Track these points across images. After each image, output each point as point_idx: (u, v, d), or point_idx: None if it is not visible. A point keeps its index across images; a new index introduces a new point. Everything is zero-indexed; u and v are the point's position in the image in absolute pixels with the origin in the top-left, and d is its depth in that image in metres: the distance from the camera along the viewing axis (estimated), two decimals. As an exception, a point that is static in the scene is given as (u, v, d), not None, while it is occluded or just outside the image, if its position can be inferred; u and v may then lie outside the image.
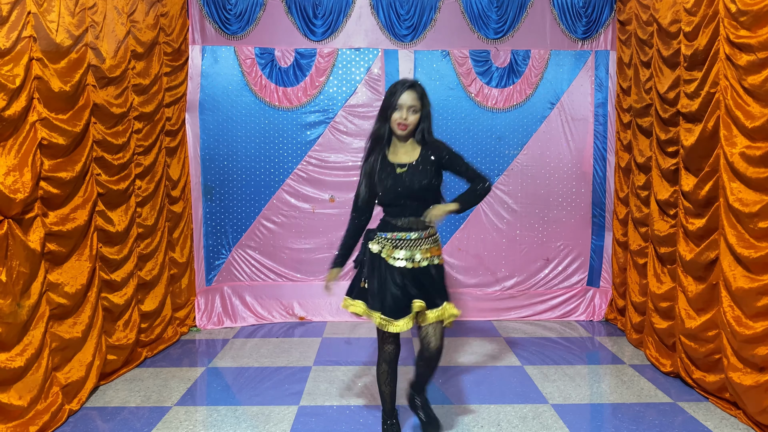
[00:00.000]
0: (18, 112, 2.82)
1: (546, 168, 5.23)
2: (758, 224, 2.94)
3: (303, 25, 5.08)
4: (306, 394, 3.57)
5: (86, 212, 3.41)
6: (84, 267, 3.41)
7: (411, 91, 2.68)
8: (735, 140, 3.10)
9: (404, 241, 2.72)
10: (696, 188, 3.51)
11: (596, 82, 5.19)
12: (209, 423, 3.19)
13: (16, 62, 2.83)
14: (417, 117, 2.69)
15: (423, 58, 5.16)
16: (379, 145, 2.77)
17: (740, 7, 3.00)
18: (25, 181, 2.86)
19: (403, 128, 2.69)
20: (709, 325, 3.38)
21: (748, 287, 2.99)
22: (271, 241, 5.22)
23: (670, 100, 3.88)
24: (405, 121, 2.67)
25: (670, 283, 3.90)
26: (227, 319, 5.10)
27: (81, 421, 3.19)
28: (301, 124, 5.15)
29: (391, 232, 2.75)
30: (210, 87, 5.07)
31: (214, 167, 5.13)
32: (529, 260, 5.29)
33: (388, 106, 2.70)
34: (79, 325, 3.35)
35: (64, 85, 3.19)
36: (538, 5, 5.12)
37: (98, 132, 3.58)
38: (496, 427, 3.11)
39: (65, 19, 3.24)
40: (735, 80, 3.10)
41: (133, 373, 3.93)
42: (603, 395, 3.60)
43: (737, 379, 3.08)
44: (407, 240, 2.72)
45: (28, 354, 2.89)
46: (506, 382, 3.78)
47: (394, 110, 2.68)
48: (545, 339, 4.69)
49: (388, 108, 2.69)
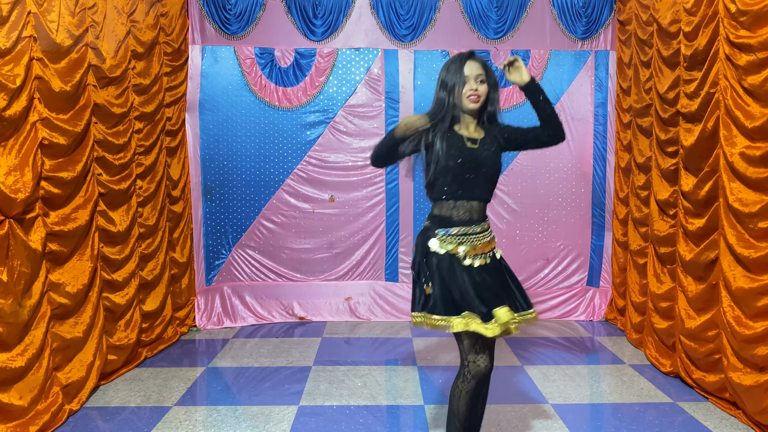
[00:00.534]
0: (18, 112, 2.82)
1: (546, 168, 5.24)
2: (758, 224, 2.94)
3: (303, 25, 5.08)
4: (306, 394, 3.57)
5: (87, 212, 3.41)
6: (85, 267, 3.41)
7: (473, 62, 2.41)
8: (735, 140, 3.10)
9: (469, 237, 2.39)
10: (696, 188, 3.51)
11: (596, 82, 5.19)
12: (209, 423, 3.19)
13: (16, 62, 2.83)
14: (486, 87, 2.42)
15: (423, 58, 5.16)
16: (441, 123, 2.39)
17: (740, 7, 3.00)
18: (26, 181, 2.86)
19: (475, 100, 2.39)
20: (709, 325, 3.38)
21: (747, 287, 2.99)
22: (271, 241, 5.22)
23: (669, 100, 3.88)
24: (476, 92, 2.39)
25: (670, 283, 3.91)
26: (227, 319, 5.10)
27: (81, 421, 3.19)
28: (300, 124, 5.16)
29: (456, 226, 2.39)
30: (210, 87, 5.07)
31: (214, 167, 5.13)
32: (529, 260, 5.29)
33: (451, 82, 2.39)
34: (80, 325, 3.35)
35: (65, 85, 3.19)
36: (538, 5, 5.12)
37: (99, 132, 3.59)
38: (496, 427, 3.11)
39: (65, 18, 3.24)
40: (735, 80, 3.10)
41: (133, 373, 3.93)
42: (603, 395, 3.60)
43: (737, 379, 3.08)
44: (473, 235, 2.40)
45: (29, 354, 2.89)
46: (506, 382, 3.78)
47: (462, 84, 2.38)
48: (545, 339, 4.70)
49: (454, 84, 2.38)
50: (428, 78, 5.16)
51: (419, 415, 3.28)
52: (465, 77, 2.39)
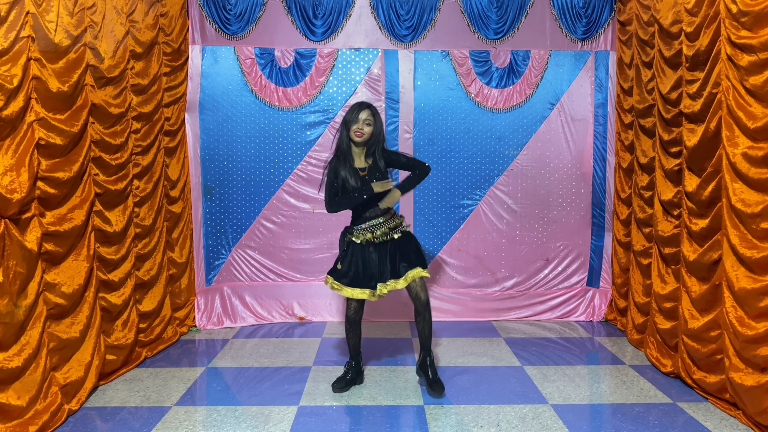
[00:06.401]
0: (15, 112, 2.81)
1: (546, 168, 5.23)
2: (760, 225, 2.93)
3: (303, 26, 5.08)
4: (306, 395, 3.56)
5: (84, 212, 3.40)
6: (81, 267, 3.40)
7: (366, 110, 3.53)
8: (737, 141, 3.09)
9: (375, 226, 3.54)
10: (699, 189, 3.50)
11: (596, 82, 5.18)
12: (209, 423, 3.18)
13: (14, 62, 2.82)
14: (371, 129, 3.51)
15: (423, 59, 5.15)
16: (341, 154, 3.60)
17: (741, 7, 3.00)
18: (22, 181, 2.85)
19: (359, 136, 3.52)
20: (711, 326, 3.37)
21: (750, 287, 2.98)
22: (270, 241, 5.21)
23: (672, 101, 3.87)
24: (361, 130, 3.51)
25: (674, 284, 3.89)
26: (227, 319, 5.09)
27: (80, 421, 3.18)
28: (300, 124, 5.15)
29: (364, 222, 3.56)
30: (210, 87, 5.07)
31: (213, 167, 5.12)
32: (529, 261, 5.28)
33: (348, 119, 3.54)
34: (76, 325, 3.34)
35: (62, 85, 3.18)
36: (538, 5, 5.11)
37: (96, 132, 3.58)
38: (495, 428, 3.10)
39: (64, 19, 3.23)
40: (737, 81, 3.09)
41: (132, 373, 3.92)
42: (603, 396, 3.59)
43: (738, 379, 3.07)
44: (377, 224, 3.54)
45: (25, 354, 2.88)
46: (506, 382, 3.77)
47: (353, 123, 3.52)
48: (545, 339, 4.68)
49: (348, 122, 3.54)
50: (428, 78, 5.15)
51: (419, 415, 3.27)
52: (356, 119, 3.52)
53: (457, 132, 5.19)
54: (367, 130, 3.51)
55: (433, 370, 3.60)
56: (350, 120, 3.51)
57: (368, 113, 3.51)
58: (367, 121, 3.50)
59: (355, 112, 3.51)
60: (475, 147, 5.19)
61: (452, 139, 5.18)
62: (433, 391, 3.52)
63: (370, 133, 3.53)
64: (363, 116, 3.50)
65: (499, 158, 5.21)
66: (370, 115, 3.52)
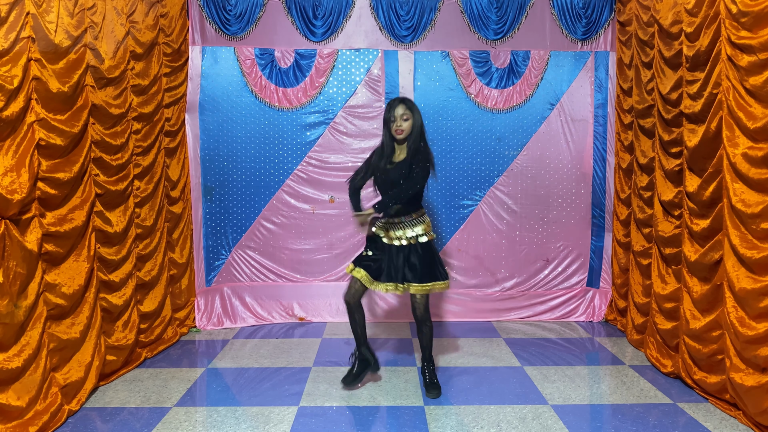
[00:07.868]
0: (16, 112, 2.81)
1: (546, 169, 5.23)
2: (761, 225, 2.93)
3: (303, 26, 5.08)
4: (306, 395, 3.56)
5: (84, 213, 3.40)
6: (82, 267, 3.40)
7: (400, 105, 3.49)
8: (737, 141, 3.09)
9: (391, 225, 3.54)
10: (700, 189, 3.50)
11: (596, 83, 5.18)
12: (209, 424, 3.18)
13: (14, 63, 2.82)
14: (410, 123, 3.47)
15: (423, 59, 5.16)
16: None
17: (741, 8, 3.00)
18: (22, 182, 2.85)
19: (399, 133, 3.49)
20: (712, 326, 3.37)
21: (751, 288, 2.99)
22: (270, 241, 5.21)
23: (672, 101, 3.87)
24: (400, 128, 3.47)
25: (674, 284, 3.89)
26: (227, 319, 5.09)
27: (81, 421, 3.18)
28: (300, 125, 5.15)
29: (386, 217, 3.56)
30: (210, 88, 5.07)
31: (214, 168, 5.12)
32: (529, 261, 5.28)
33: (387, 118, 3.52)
34: (77, 326, 3.34)
35: (63, 86, 3.18)
36: (538, 6, 5.11)
37: (97, 132, 3.58)
38: (495, 428, 3.10)
39: (64, 19, 3.23)
40: (737, 81, 3.09)
41: (132, 373, 3.92)
42: (603, 396, 3.59)
43: (739, 379, 3.07)
44: (393, 224, 3.54)
45: (25, 354, 2.88)
46: (506, 382, 3.77)
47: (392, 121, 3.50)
48: (545, 340, 4.68)
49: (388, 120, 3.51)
50: (428, 79, 5.15)
51: (419, 416, 3.27)
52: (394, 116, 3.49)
53: (457, 132, 5.19)
54: (406, 125, 3.47)
55: (431, 373, 3.63)
56: (388, 119, 3.49)
57: (404, 107, 3.47)
58: (404, 116, 3.47)
59: (392, 109, 3.47)
60: (475, 147, 5.19)
61: (452, 139, 5.18)
62: (428, 393, 3.55)
63: (411, 126, 3.48)
64: (399, 112, 3.46)
65: (499, 158, 5.21)
66: (406, 110, 3.47)
